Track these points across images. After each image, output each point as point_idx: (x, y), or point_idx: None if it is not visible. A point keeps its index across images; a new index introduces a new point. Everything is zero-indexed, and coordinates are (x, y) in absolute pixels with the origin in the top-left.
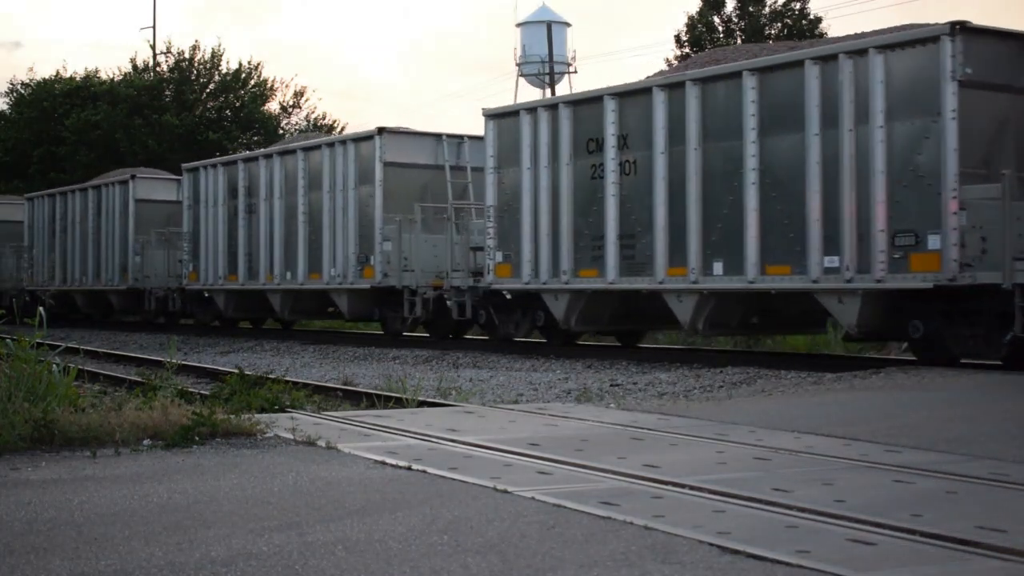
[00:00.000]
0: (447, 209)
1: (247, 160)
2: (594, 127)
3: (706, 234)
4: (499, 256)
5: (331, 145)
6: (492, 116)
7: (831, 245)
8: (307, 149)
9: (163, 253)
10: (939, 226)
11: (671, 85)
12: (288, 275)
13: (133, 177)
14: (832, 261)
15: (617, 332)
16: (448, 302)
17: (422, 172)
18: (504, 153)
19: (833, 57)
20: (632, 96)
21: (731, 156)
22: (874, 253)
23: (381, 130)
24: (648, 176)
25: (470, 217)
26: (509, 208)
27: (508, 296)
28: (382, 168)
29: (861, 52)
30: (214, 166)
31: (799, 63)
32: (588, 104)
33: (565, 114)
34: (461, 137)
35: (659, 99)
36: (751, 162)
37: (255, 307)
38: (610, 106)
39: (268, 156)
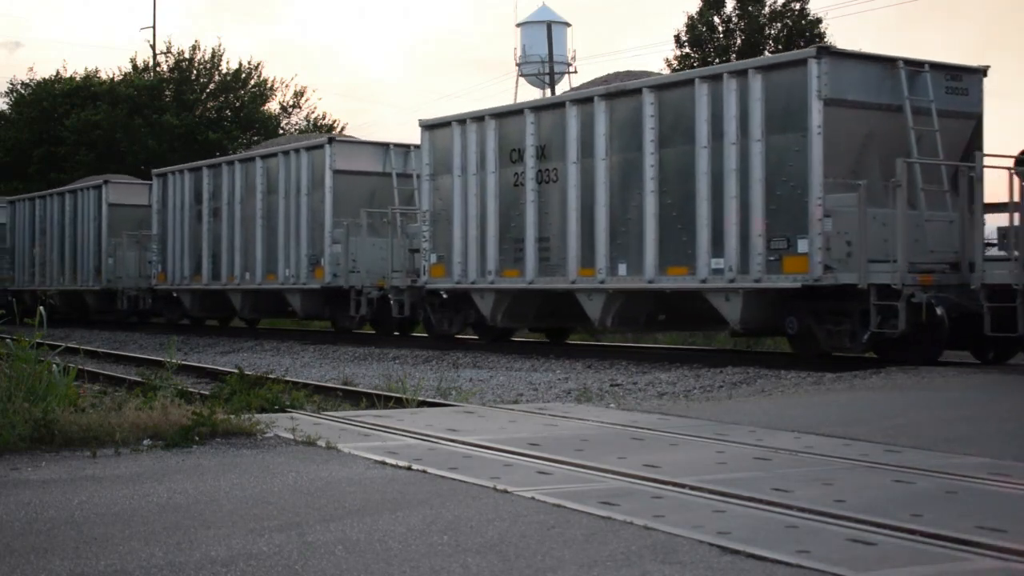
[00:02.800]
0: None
1: (538, 108)
2: None
3: None
4: None
5: (712, 79)
6: None
7: None
8: (661, 87)
9: (383, 242)
10: None
11: None
12: (622, 267)
13: (331, 140)
14: None
15: None
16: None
17: (869, 115)
18: None
19: None
20: None
21: None
22: None
23: (822, 50)
24: None
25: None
26: None
27: None
28: (821, 108)
29: None
30: (479, 119)
31: None
32: None
33: None
34: (922, 64)
35: None
36: None
37: (553, 311)
38: None
39: (583, 100)
